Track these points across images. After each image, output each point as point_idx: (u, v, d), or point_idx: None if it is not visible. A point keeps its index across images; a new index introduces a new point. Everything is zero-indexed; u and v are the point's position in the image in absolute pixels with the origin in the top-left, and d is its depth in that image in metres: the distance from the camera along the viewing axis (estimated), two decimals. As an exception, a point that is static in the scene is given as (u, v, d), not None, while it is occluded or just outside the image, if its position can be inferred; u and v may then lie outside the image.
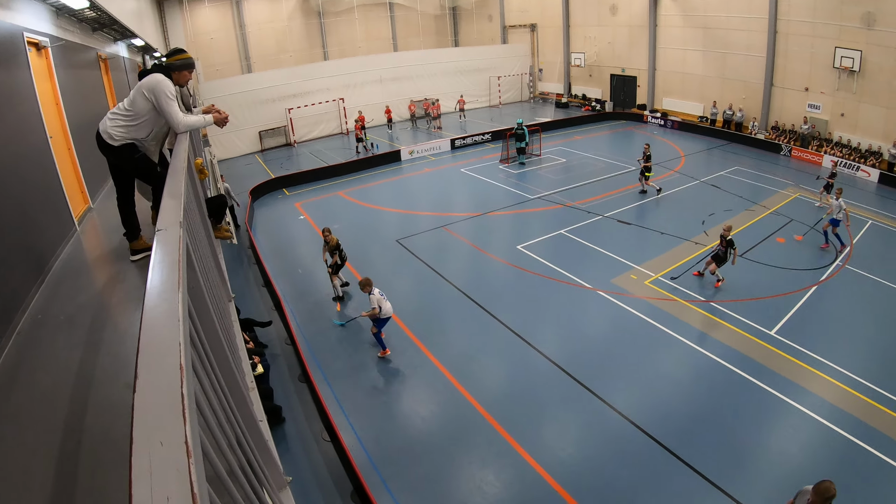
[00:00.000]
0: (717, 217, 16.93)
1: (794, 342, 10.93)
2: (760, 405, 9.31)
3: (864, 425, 8.78)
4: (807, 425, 8.90)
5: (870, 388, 9.64)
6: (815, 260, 14.50)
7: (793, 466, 8.07)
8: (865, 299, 12.75)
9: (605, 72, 35.37)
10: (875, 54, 21.99)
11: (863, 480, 7.75)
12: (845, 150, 22.72)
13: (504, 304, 12.62)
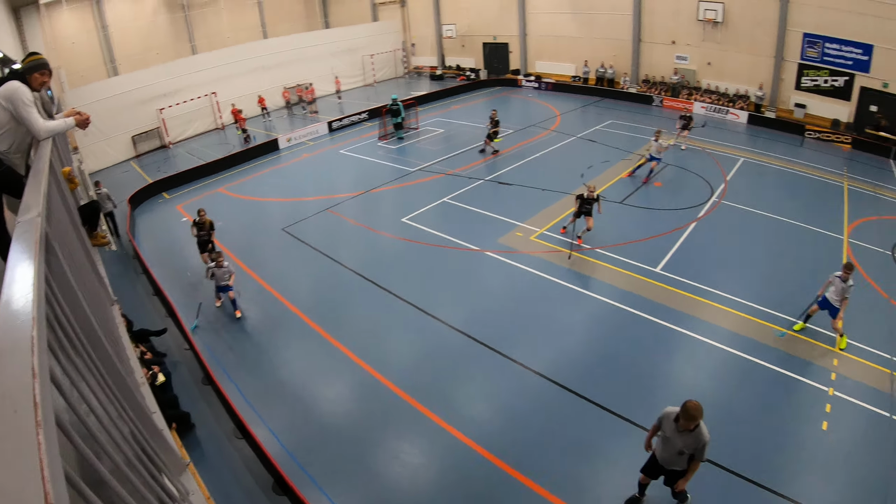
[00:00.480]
0: (595, 169, 18.60)
1: (680, 276, 12.53)
2: (657, 339, 10.62)
3: (752, 342, 10.43)
4: (701, 350, 10.37)
5: (754, 307, 11.32)
6: (693, 199, 16.51)
7: (695, 389, 9.29)
8: (741, 228, 14.90)
9: (478, 41, 37.11)
10: (737, 5, 25.45)
11: (759, 393, 9.33)
12: (714, 96, 25.71)
13: (399, 278, 13.21)
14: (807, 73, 25.57)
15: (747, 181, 18.20)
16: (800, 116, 25.66)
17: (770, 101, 26.00)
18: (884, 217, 17.53)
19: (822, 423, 9.14)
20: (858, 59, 24.75)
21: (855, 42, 24.57)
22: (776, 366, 10.21)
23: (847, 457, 8.65)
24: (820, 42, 24.97)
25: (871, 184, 20.45)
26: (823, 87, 25.45)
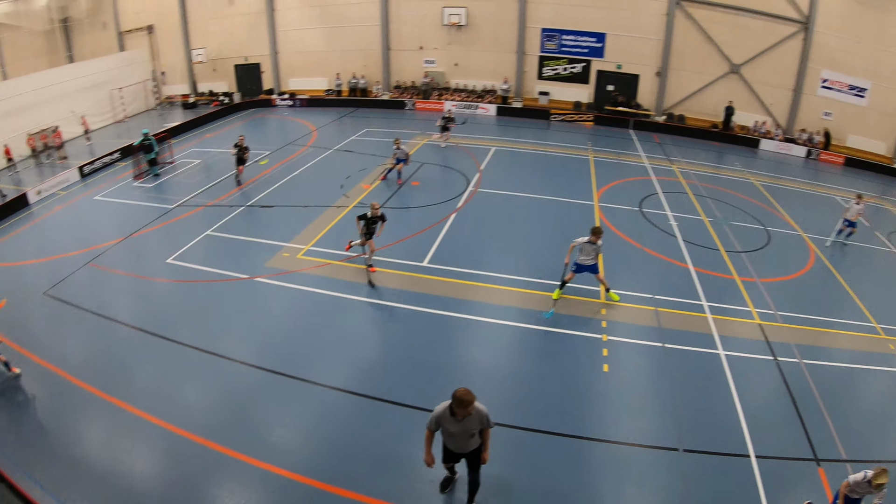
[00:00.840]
0: (353, 178, 19.58)
1: (448, 266, 13.98)
2: (442, 328, 11.81)
3: (530, 312, 12.29)
4: (485, 329, 11.87)
5: (525, 280, 13.21)
6: (450, 192, 18.19)
7: (487, 367, 10.88)
8: (500, 211, 16.99)
9: (229, 63, 36.92)
10: (479, 8, 28.92)
11: (543, 355, 11.19)
12: (464, 94, 28.60)
13: (177, 323, 12.86)
14: (547, 63, 29.53)
15: (501, 167, 20.63)
16: (544, 103, 29.56)
17: (516, 93, 29.55)
18: (628, 179, 21.13)
19: (604, 366, 11.15)
20: (593, 46, 29.26)
21: (589, 32, 29.25)
22: (554, 328, 12.06)
23: (631, 389, 10.74)
24: (557, 35, 29.15)
25: (614, 153, 24.41)
26: (564, 75, 29.62)
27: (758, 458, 9.82)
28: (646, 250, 16.24)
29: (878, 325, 14.73)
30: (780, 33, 31.15)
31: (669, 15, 29.39)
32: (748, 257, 16.93)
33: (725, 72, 31.23)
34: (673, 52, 30.34)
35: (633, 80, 30.86)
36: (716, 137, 31.11)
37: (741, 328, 13.49)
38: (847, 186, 27.60)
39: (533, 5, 28.74)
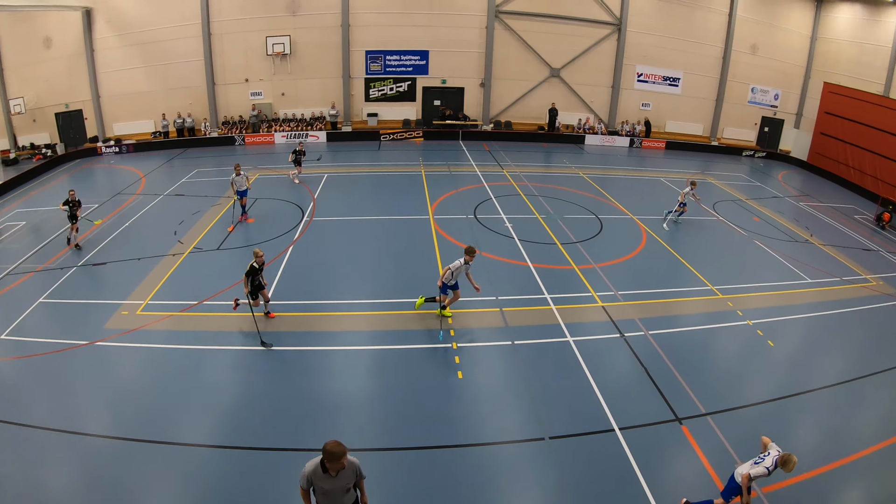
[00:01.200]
0: (186, 223, 20.20)
1: (292, 300, 14.77)
2: (302, 364, 12.40)
3: (379, 333, 13.56)
4: (343, 358, 12.74)
5: (375, 303, 14.62)
6: (285, 225, 19.50)
7: (348, 400, 11.38)
8: (339, 237, 18.55)
9: (49, 112, 35.92)
10: (302, 36, 30.70)
11: (402, 373, 12.57)
12: (293, 123, 30.46)
13: (20, 404, 12.15)
14: (373, 85, 32.06)
15: (336, 193, 22.34)
16: (374, 124, 31.98)
17: (345, 117, 31.70)
18: (461, 189, 23.60)
19: (458, 373, 12.36)
20: (417, 64, 32.28)
21: (413, 51, 32.20)
22: (405, 344, 13.24)
23: (488, 390, 12.02)
24: (381, 56, 31.79)
25: (445, 165, 27.04)
26: (391, 95, 32.34)
27: (622, 430, 11.30)
28: (485, 255, 17.87)
29: (714, 287, 17.82)
30: (596, 36, 35.76)
31: (489, 28, 33.14)
32: (583, 246, 19.56)
33: (546, 76, 35.48)
34: (495, 62, 34.03)
35: (458, 92, 34.16)
36: (543, 139, 35.12)
37: (586, 313, 15.58)
38: (669, 168, 32.59)
39: (356, 29, 31.07)
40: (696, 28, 38.70)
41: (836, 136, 38.95)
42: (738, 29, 39.56)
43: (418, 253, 17.87)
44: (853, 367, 14.91)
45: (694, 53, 39.21)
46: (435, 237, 19.01)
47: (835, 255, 22.81)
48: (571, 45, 35.93)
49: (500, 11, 33.43)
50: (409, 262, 17.15)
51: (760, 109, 42.91)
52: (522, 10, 34.00)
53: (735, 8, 38.73)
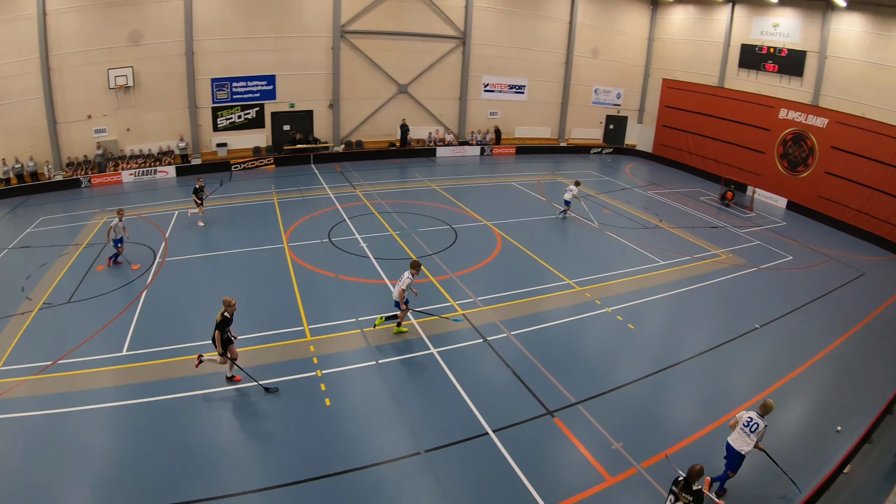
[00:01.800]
0: (34, 277, 19.52)
1: (153, 347, 14.83)
2: (171, 415, 12.37)
3: (246, 370, 13.45)
4: (207, 402, 12.93)
5: (246, 339, 14.95)
6: (131, 275, 19.32)
7: (220, 446, 11.65)
8: (196, 276, 19.04)
9: None
10: (146, 66, 30.64)
11: (280, 408, 12.99)
12: (140, 160, 30.54)
13: None
14: (221, 113, 32.91)
15: (188, 231, 22.80)
16: (224, 154, 32.90)
17: (194, 149, 32.30)
18: (314, 213, 24.95)
19: (326, 400, 12.96)
20: (264, 89, 33.45)
21: (259, 76, 33.36)
22: (270, 378, 13.55)
23: (358, 413, 12.67)
24: (227, 83, 32.64)
25: (297, 191, 28.50)
26: (239, 122, 33.40)
27: (496, 432, 12.22)
28: (342, 277, 19.28)
29: (571, 280, 20.04)
30: (441, 50, 38.33)
31: (335, 48, 34.85)
32: (439, 257, 21.29)
33: (395, 93, 37.71)
34: (343, 82, 35.82)
35: (307, 116, 35.76)
36: (395, 155, 37.31)
37: (447, 323, 16.61)
38: (520, 172, 36.23)
39: (200, 56, 31.60)
40: (538, 37, 42.37)
41: (677, 126, 44.39)
42: (579, 35, 43.75)
43: (276, 284, 18.70)
44: (714, 336, 17.43)
45: (538, 61, 42.89)
46: (291, 266, 20.06)
47: (685, 235, 26.36)
48: (418, 61, 38.39)
49: (346, 31, 35.16)
50: (267, 295, 17.90)
51: (604, 109, 47.62)
52: (367, 28, 35.89)
53: (575, 15, 42.89)
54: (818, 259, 26.53)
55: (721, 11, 40.97)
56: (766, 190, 37.34)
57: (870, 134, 31.66)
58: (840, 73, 34.37)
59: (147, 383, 13.50)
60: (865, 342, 18.61)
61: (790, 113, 36.28)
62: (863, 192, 32.05)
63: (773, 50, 37.83)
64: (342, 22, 35.13)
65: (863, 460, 12.89)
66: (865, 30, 32.90)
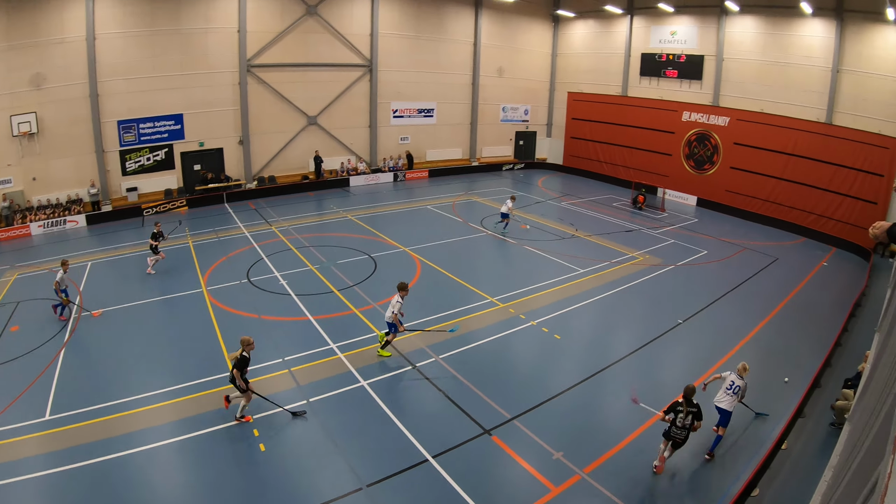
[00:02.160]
0: None
1: (79, 408, 14.25)
2: (101, 477, 11.95)
3: (180, 422, 13.66)
4: (141, 460, 12.48)
5: (164, 392, 14.85)
6: (51, 327, 18.82)
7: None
8: (116, 330, 18.37)
9: None
10: (49, 111, 29.92)
11: (209, 460, 12.62)
12: (49, 210, 29.85)
13: None
14: (129, 156, 32.58)
15: (103, 282, 22.18)
16: (134, 199, 32.58)
17: (103, 195, 31.78)
18: (231, 254, 25.07)
19: (260, 446, 12.86)
20: (172, 129, 33.35)
21: (166, 116, 33.25)
22: (203, 429, 13.37)
23: (293, 455, 12.72)
24: (134, 125, 32.34)
25: (212, 232, 28.53)
26: (148, 165, 33.18)
27: (436, 458, 12.47)
28: (264, 318, 19.23)
29: (494, 298, 20.88)
30: (349, 79, 39.25)
31: (242, 84, 35.14)
32: (360, 288, 21.69)
33: (304, 125, 38.38)
34: (251, 117, 36.11)
35: (218, 153, 35.85)
36: (308, 188, 37.82)
37: (374, 354, 16.96)
38: (434, 195, 37.15)
39: (105, 98, 31.18)
40: (444, 59, 43.84)
41: (585, 137, 46.75)
42: (484, 55, 45.55)
43: (198, 331, 18.37)
44: (640, 336, 18.61)
45: (445, 83, 44.37)
46: (211, 310, 19.88)
47: (601, 242, 27.96)
48: (326, 91, 39.14)
49: (252, 65, 35.53)
50: (189, 343, 17.61)
51: (513, 125, 49.55)
52: (274, 62, 36.42)
53: (479, 37, 44.67)
54: (732, 250, 28.79)
55: (620, 23, 43.65)
56: (676, 190, 40.18)
57: (769, 127, 35.11)
58: (737, 73, 37.57)
59: (76, 447, 12.91)
60: (785, 323, 20.50)
61: (693, 115, 39.32)
62: (768, 183, 35.37)
63: (672, 57, 40.71)
64: (248, 56, 35.44)
65: (799, 434, 14.13)
66: (758, 31, 36.03)
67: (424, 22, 42.91)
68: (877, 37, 31.12)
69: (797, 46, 34.32)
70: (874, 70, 31.30)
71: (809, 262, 28.39)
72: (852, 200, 31.93)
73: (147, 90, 32.67)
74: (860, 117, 31.81)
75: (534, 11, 47.79)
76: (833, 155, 32.53)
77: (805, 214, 33.94)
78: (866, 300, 23.57)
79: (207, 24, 33.95)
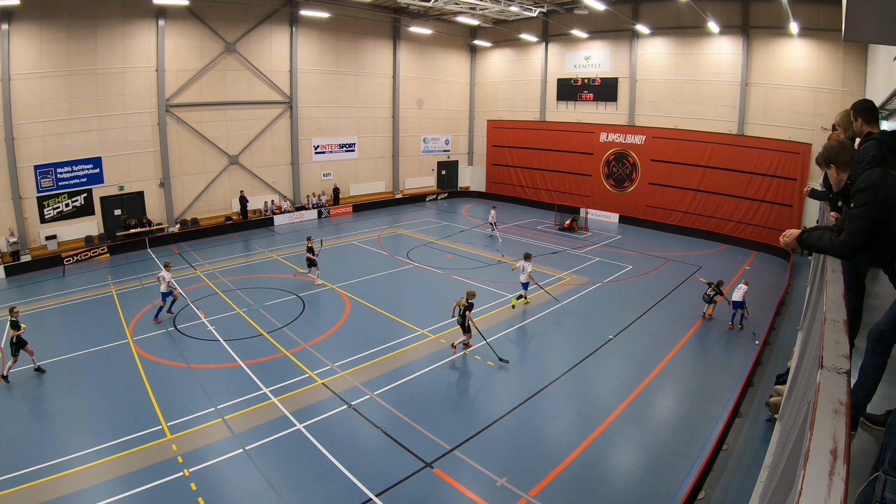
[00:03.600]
0: None
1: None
2: None
3: (115, 481, 13.40)
4: None
5: (96, 450, 14.45)
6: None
7: None
8: (26, 391, 17.92)
9: None
10: None
11: None
12: None
13: None
14: (48, 203, 32.21)
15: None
16: (54, 248, 32.14)
17: (22, 245, 31.15)
18: (155, 302, 24.32)
19: (199, 500, 12.53)
20: (91, 173, 33.23)
21: (84, 159, 33.12)
22: (133, 489, 12.93)
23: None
24: (52, 170, 31.99)
25: (136, 279, 28.45)
26: (67, 211, 32.90)
27: (379, 496, 12.58)
28: (193, 366, 19.06)
29: (424, 329, 21.50)
30: (269, 116, 40.01)
31: (161, 124, 35.35)
32: (290, 329, 21.90)
33: (226, 165, 38.89)
34: (172, 159, 36.33)
35: (139, 197, 35.80)
36: (232, 229, 38.26)
37: (308, 395, 17.12)
38: (359, 230, 38.57)
39: (21, 142, 30.79)
40: (363, 93, 45.10)
41: (507, 163, 48.81)
42: (403, 88, 47.04)
43: (125, 384, 17.98)
44: (573, 355, 19.49)
45: (366, 117, 45.64)
46: (139, 360, 19.60)
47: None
48: (247, 129, 39.78)
49: (171, 105, 35.84)
50: (117, 397, 17.24)
51: (435, 156, 51.14)
52: (193, 101, 36.86)
53: (397, 70, 46.19)
54: (656, 263, 30.57)
55: (535, 51, 45.99)
56: (598, 209, 42.50)
57: (684, 142, 37.63)
58: (651, 92, 40.05)
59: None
60: (714, 328, 21.97)
61: (610, 135, 41.92)
62: (686, 195, 37.91)
63: (587, 80, 43.20)
64: (167, 96, 35.73)
65: (738, 434, 15.06)
66: (669, 51, 38.49)
67: (343, 56, 44.04)
68: (782, 49, 34.03)
69: (707, 63, 37.00)
70: (781, 81, 34.18)
71: (732, 266, 30.47)
72: (769, 205, 34.66)
73: (64, 132, 32.48)
74: (770, 126, 34.65)
75: (451, 42, 49.65)
76: (747, 164, 35.25)
77: (724, 222, 36.51)
78: (790, 298, 25.43)
79: (125, 64, 34.08)
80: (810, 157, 32.22)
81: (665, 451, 14.45)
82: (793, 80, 33.78)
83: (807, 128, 33.21)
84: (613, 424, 15.73)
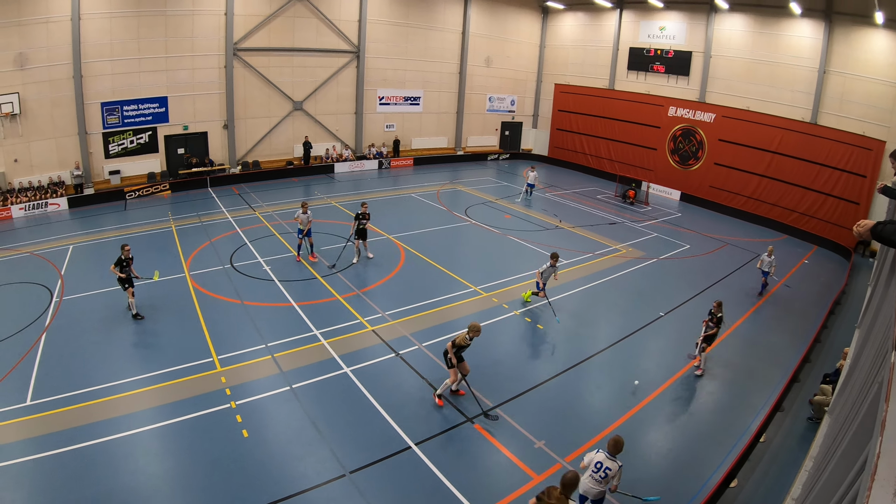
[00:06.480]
0: None
1: (60, 393, 14.02)
2: (89, 461, 11.91)
3: (164, 407, 13.62)
4: (126, 445, 12.54)
5: (151, 376, 14.65)
6: (28, 313, 18.35)
7: (141, 491, 11.34)
8: (92, 316, 18.07)
9: None
10: (32, 91, 29.52)
11: (191, 448, 12.58)
12: (31, 192, 29.66)
13: None
14: (113, 139, 32.44)
15: (85, 266, 21.82)
16: (117, 182, 32.48)
17: (86, 178, 31.62)
18: (214, 239, 24.98)
19: (243, 432, 12.78)
20: (157, 112, 33.19)
21: (151, 98, 33.03)
22: (183, 416, 13.26)
23: (277, 441, 12.65)
24: (118, 107, 32.16)
25: (195, 216, 28.46)
26: (131, 148, 33.06)
27: (419, 445, 12.64)
28: (247, 303, 19.13)
29: (477, 287, 21.14)
30: (335, 65, 39.27)
31: (228, 67, 35.03)
32: (343, 275, 21.67)
33: (290, 111, 38.43)
34: (237, 102, 36.08)
35: (202, 137, 35.75)
36: (293, 174, 37.98)
37: (357, 341, 17.03)
38: (419, 183, 37.58)
39: (89, 79, 30.88)
40: (432, 48, 43.97)
41: (571, 129, 47.16)
42: (472, 45, 45.70)
43: (180, 315, 18.23)
44: (622, 327, 18.97)
45: (432, 72, 44.54)
46: (194, 295, 19.71)
47: (585, 234, 28.36)
48: (312, 77, 39.18)
49: (238, 49, 35.42)
50: (171, 327, 17.44)
51: (500, 115, 49.84)
52: (260, 45, 36.33)
53: (468, 26, 44.81)
54: (714, 245, 29.34)
55: (609, 17, 43.97)
56: (660, 184, 40.75)
57: (754, 125, 35.60)
58: (724, 70, 37.90)
59: (58, 433, 12.67)
60: (765, 318, 21.03)
61: (679, 110, 39.80)
62: (752, 180, 35.92)
63: (660, 52, 41.08)
64: (234, 40, 35.32)
65: (777, 428, 14.49)
66: (747, 29, 36.32)
67: (413, 9, 42.92)
68: (864, 39, 31.51)
69: (785, 46, 34.67)
70: (860, 72, 31.70)
71: (791, 259, 28.82)
72: (835, 200, 32.47)
73: (132, 72, 32.43)
74: (845, 118, 32.26)
75: (523, 2, 47.93)
76: (817, 154, 33.06)
77: (788, 212, 34.50)
78: (846, 298, 23.99)
79: (194, 7, 33.73)
80: (883, 155, 29.90)
81: (702, 435, 14.03)
82: (873, 73, 31.25)
83: (883, 124, 30.73)
84: (655, 402, 15.27)
